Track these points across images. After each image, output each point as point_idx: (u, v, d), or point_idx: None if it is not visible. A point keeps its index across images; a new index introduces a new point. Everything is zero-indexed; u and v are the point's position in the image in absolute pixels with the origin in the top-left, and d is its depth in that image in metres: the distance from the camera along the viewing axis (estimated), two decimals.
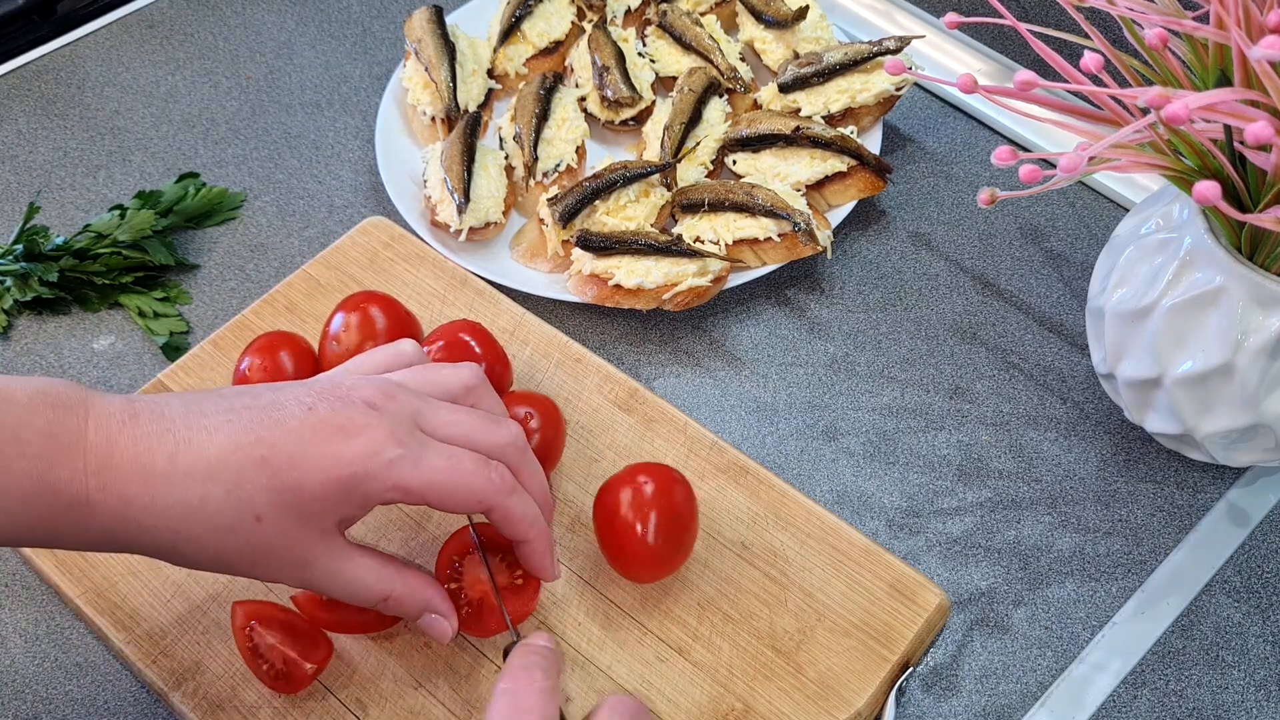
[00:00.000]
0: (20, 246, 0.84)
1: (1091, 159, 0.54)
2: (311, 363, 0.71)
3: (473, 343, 0.69)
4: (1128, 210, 0.79)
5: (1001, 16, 0.61)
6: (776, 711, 0.60)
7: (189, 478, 0.50)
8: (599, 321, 0.82)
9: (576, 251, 0.80)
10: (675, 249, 0.78)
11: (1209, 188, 0.49)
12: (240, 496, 0.51)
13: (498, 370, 0.69)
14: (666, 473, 0.63)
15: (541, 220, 0.83)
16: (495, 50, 0.93)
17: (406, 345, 0.60)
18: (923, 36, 0.91)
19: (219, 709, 0.61)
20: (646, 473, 0.63)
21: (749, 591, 0.64)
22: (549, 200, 0.82)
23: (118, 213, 0.86)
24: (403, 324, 0.71)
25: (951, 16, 0.61)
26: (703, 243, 0.81)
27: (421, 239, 0.83)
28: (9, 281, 0.83)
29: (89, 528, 0.50)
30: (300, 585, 0.55)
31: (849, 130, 0.86)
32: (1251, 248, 0.61)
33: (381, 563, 0.56)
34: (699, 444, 0.69)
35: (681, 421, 0.70)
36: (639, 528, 0.61)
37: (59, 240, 0.85)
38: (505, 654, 0.57)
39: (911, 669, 0.63)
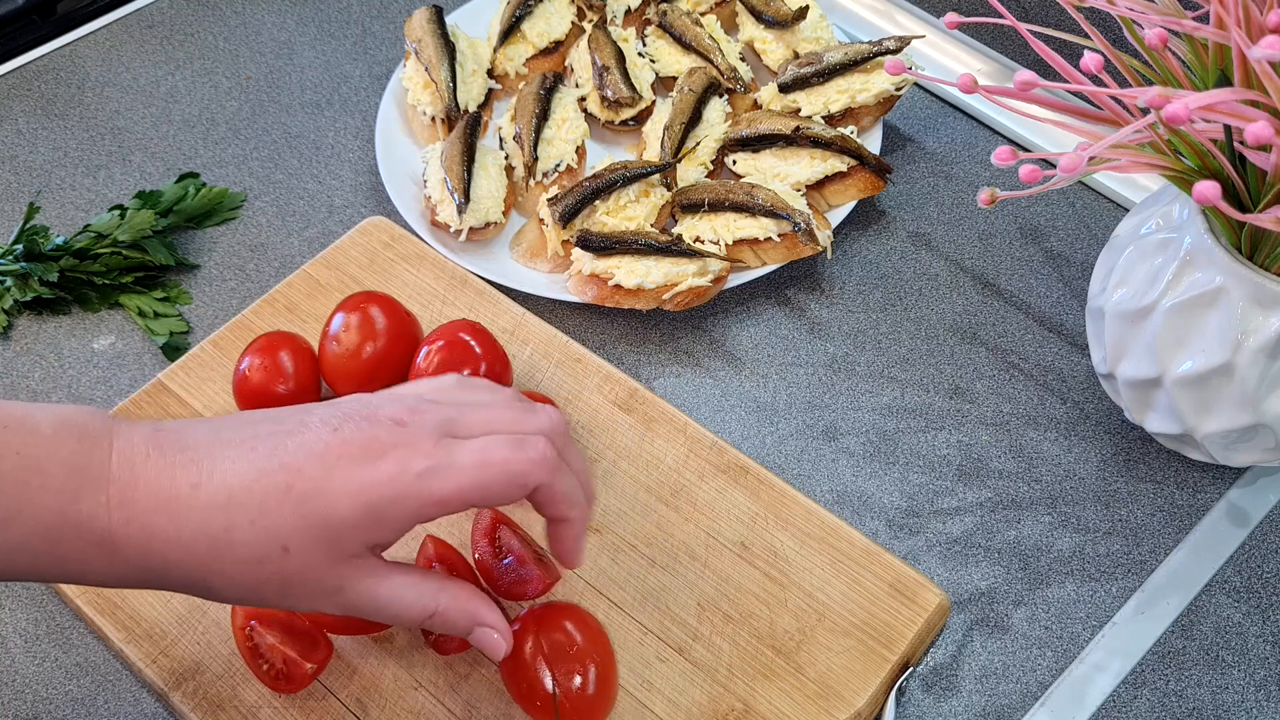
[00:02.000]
0: (20, 246, 0.84)
1: (1091, 159, 0.54)
2: (311, 363, 0.71)
3: (473, 342, 0.69)
4: (1128, 210, 0.79)
5: (1001, 16, 0.61)
6: (776, 711, 0.60)
7: (212, 508, 0.48)
8: (599, 321, 0.82)
9: (576, 251, 0.80)
10: (675, 249, 0.78)
11: (1209, 188, 0.49)
12: (266, 526, 0.49)
13: (498, 370, 0.69)
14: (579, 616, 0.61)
15: (541, 220, 0.83)
16: (495, 50, 0.93)
17: (453, 377, 0.58)
18: (923, 36, 0.91)
19: (219, 709, 0.61)
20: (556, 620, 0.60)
21: (749, 591, 0.64)
22: (549, 200, 0.82)
23: (118, 213, 0.86)
24: (403, 324, 0.71)
25: (951, 16, 0.61)
26: (703, 243, 0.81)
27: (422, 239, 0.83)
28: (9, 281, 0.83)
29: (116, 564, 0.48)
30: (339, 612, 0.52)
31: (849, 130, 0.86)
32: (1251, 248, 0.61)
33: (420, 578, 0.53)
34: (699, 444, 0.69)
35: (681, 422, 0.70)
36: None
37: (59, 240, 0.85)
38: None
39: (911, 669, 0.63)
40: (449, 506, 0.51)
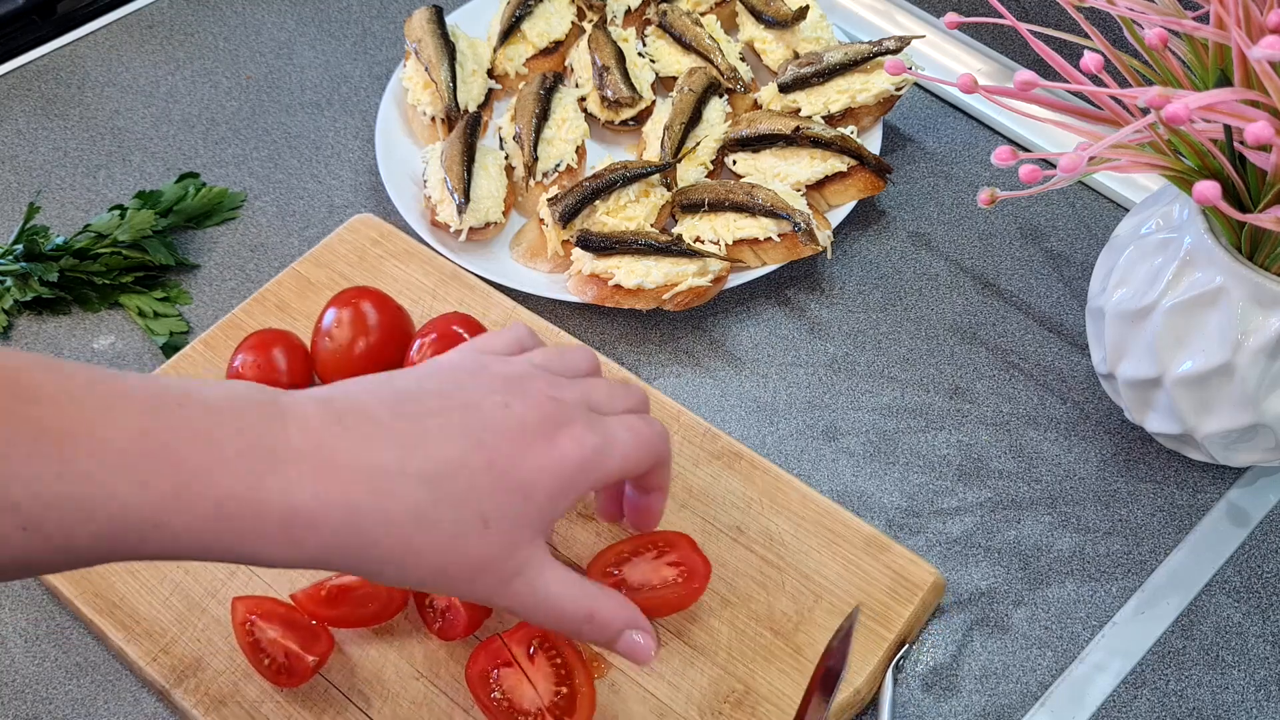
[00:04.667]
0: (20, 246, 0.84)
1: (1091, 159, 0.54)
2: (304, 360, 0.71)
3: (465, 335, 0.70)
4: (1128, 210, 0.79)
5: (1001, 16, 0.61)
6: (777, 692, 0.61)
7: (420, 481, 0.48)
8: (599, 321, 0.82)
9: (576, 251, 0.80)
10: (675, 249, 0.78)
11: (1209, 188, 0.49)
12: (471, 501, 0.49)
13: None
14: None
15: (541, 220, 0.83)
16: (495, 50, 0.93)
17: (521, 329, 0.59)
18: (923, 36, 0.91)
19: (222, 704, 0.62)
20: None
21: (746, 575, 0.65)
22: (549, 200, 0.82)
23: (118, 213, 0.86)
24: (394, 318, 0.72)
25: (951, 16, 0.61)
26: (703, 243, 0.81)
27: (421, 239, 0.83)
28: (9, 281, 0.83)
29: (301, 543, 0.46)
30: (505, 604, 0.52)
31: (849, 130, 0.86)
32: (1251, 248, 0.61)
33: (580, 579, 0.53)
34: (693, 431, 0.70)
35: (675, 410, 0.71)
36: None
37: (59, 240, 0.85)
38: None
39: (908, 646, 0.63)
40: (613, 477, 0.54)
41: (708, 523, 0.67)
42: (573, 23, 0.95)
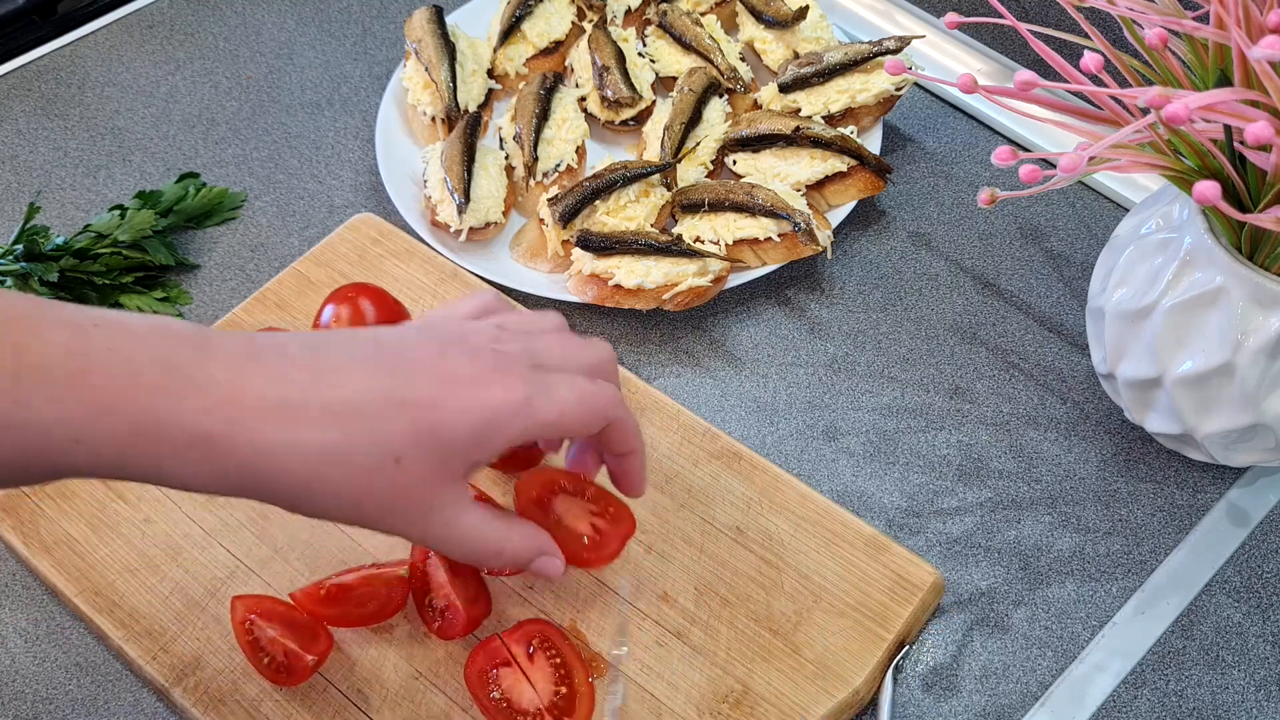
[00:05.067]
0: (20, 246, 0.84)
1: (1091, 159, 0.54)
2: None
3: None
4: (1128, 210, 0.79)
5: (1001, 16, 0.61)
6: (775, 692, 0.61)
7: (329, 415, 0.49)
8: (599, 321, 0.82)
9: (576, 251, 0.80)
10: (675, 249, 0.78)
11: (1209, 188, 0.49)
12: (383, 436, 0.50)
13: None
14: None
15: (541, 220, 0.83)
16: (495, 50, 0.93)
17: (489, 294, 0.60)
18: (923, 36, 0.91)
19: (220, 703, 0.62)
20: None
21: (745, 575, 0.65)
22: (549, 200, 0.82)
23: (118, 213, 0.86)
24: (392, 314, 0.72)
25: (951, 16, 0.61)
26: (703, 243, 0.81)
27: (421, 239, 0.83)
28: (9, 282, 0.83)
29: (213, 468, 0.48)
30: (420, 538, 0.54)
31: (849, 130, 0.86)
32: (1251, 248, 0.61)
33: (494, 513, 0.56)
34: (692, 431, 0.70)
35: (674, 409, 0.71)
36: None
37: (59, 240, 0.85)
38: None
39: (908, 647, 0.63)
40: (547, 430, 0.54)
41: (707, 523, 0.67)
42: (573, 23, 0.95)
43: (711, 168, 0.87)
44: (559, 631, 0.62)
